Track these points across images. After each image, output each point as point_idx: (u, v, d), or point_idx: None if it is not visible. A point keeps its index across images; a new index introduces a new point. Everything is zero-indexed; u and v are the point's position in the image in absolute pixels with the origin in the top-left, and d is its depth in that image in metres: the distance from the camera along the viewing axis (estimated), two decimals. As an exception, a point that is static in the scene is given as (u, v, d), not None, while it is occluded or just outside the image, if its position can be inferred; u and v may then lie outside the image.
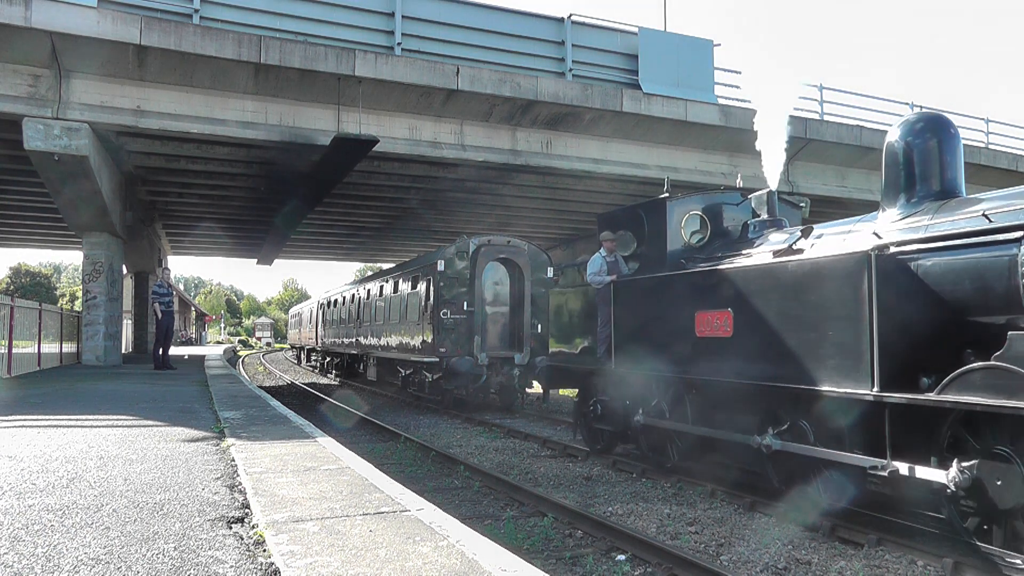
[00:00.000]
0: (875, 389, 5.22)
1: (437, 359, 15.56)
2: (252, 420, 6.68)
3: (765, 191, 8.19)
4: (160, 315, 14.27)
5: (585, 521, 6.64)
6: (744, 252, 7.42)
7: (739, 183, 9.89)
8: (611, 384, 8.81)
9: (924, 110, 19.21)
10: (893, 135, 6.34)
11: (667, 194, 8.29)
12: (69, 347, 17.85)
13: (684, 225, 8.15)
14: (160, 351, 14.52)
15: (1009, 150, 20.24)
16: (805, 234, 6.76)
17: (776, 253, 6.80)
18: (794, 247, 6.67)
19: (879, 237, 5.89)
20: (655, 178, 16.72)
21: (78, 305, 27.02)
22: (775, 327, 6.30)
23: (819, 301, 5.84)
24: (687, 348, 7.29)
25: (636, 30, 15.80)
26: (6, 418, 6.64)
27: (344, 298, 26.24)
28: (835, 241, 6.50)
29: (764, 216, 8.01)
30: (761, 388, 6.54)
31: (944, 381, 4.81)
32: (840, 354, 5.60)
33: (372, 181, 17.14)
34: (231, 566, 2.60)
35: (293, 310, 50.02)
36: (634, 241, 8.93)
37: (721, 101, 16.38)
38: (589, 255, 9.55)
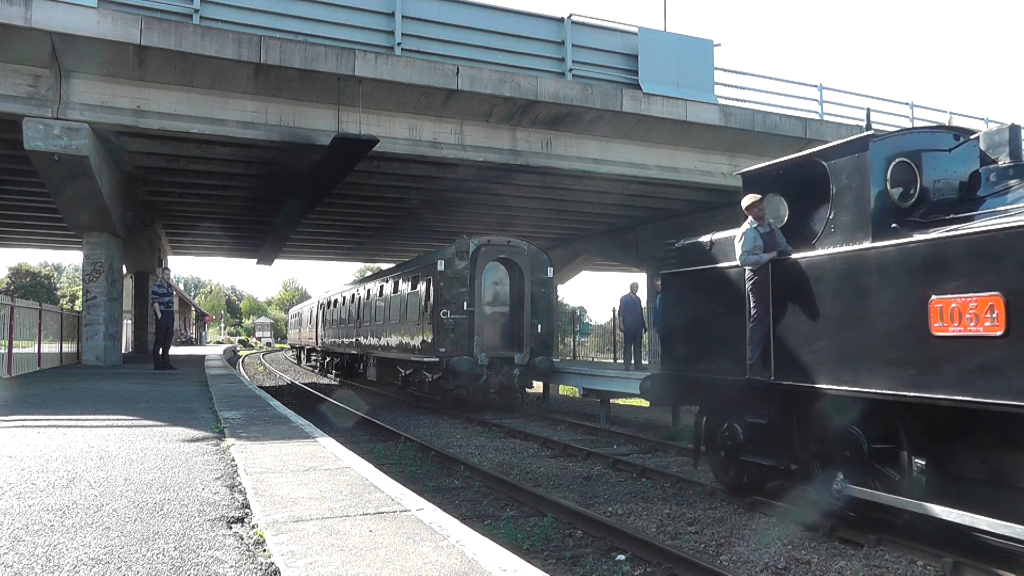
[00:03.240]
0: None
1: (437, 359, 15.56)
2: (252, 420, 6.69)
3: (1005, 127, 6.15)
4: (160, 315, 14.27)
5: (585, 521, 6.64)
6: (1000, 210, 5.41)
7: (949, 121, 7.21)
8: (768, 403, 6.76)
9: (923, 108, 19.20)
10: None
11: (870, 131, 6.11)
12: (69, 347, 17.84)
13: (890, 176, 5.91)
14: (160, 351, 14.52)
15: None
16: None
17: None
18: None
19: None
20: (655, 178, 16.73)
21: (78, 305, 27.02)
22: None
23: None
24: (913, 353, 5.16)
25: (636, 30, 15.80)
26: (6, 418, 6.64)
27: (344, 298, 26.24)
28: None
29: (1005, 162, 5.99)
30: None
31: None
32: None
33: (372, 181, 17.13)
34: (231, 566, 2.60)
35: (293, 310, 50.02)
36: (794, 203, 6.81)
37: (721, 101, 16.37)
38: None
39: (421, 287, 16.85)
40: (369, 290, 22.32)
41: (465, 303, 15.75)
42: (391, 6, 13.77)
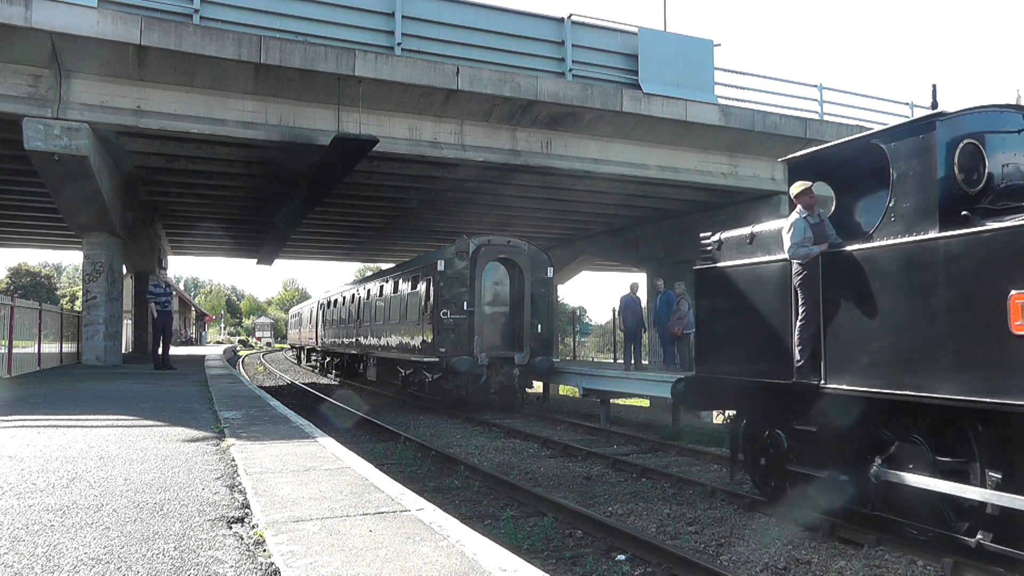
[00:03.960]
0: None
1: (437, 359, 15.57)
2: (252, 420, 6.68)
3: None
4: (156, 315, 14.25)
5: (585, 521, 6.64)
6: None
7: (1018, 99, 6.84)
8: (817, 409, 6.19)
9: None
10: None
11: (937, 109, 5.67)
12: (69, 347, 17.85)
13: (957, 160, 5.44)
14: (160, 351, 14.50)
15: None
16: None
17: None
18: None
19: None
20: (655, 178, 16.73)
21: (78, 305, 27.02)
22: None
23: None
24: (989, 354, 4.72)
25: (636, 30, 15.80)
26: (6, 418, 6.64)
27: (344, 298, 26.25)
28: None
29: None
30: None
31: None
32: None
33: (372, 181, 17.13)
34: (231, 566, 2.60)
35: (293, 310, 50.04)
36: (843, 192, 6.34)
37: (721, 101, 16.37)
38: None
39: (421, 287, 16.85)
40: (369, 290, 22.33)
41: (465, 303, 15.76)
42: (391, 6, 13.77)
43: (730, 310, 7.19)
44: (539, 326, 16.38)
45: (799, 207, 6.29)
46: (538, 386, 19.83)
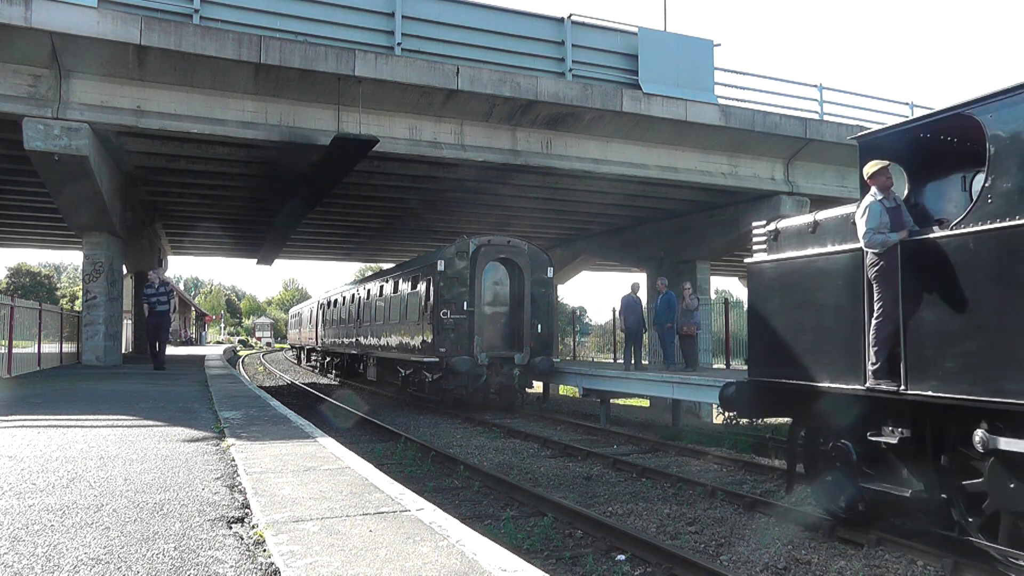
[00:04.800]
0: None
1: (437, 359, 15.57)
2: (252, 420, 6.68)
3: None
4: (147, 314, 14.15)
5: (585, 521, 6.64)
6: None
7: None
8: (895, 418, 5.54)
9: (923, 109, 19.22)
10: None
11: None
12: (69, 347, 17.85)
13: None
14: (156, 350, 14.39)
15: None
16: None
17: None
18: None
19: None
20: (655, 178, 16.72)
21: (78, 305, 27.01)
22: None
23: None
24: None
25: (636, 30, 15.80)
26: (6, 418, 6.64)
27: (344, 298, 26.26)
28: None
29: None
30: None
31: None
32: None
33: (372, 181, 17.13)
34: (231, 566, 2.60)
35: (293, 310, 50.04)
36: (920, 173, 5.84)
37: (721, 101, 16.37)
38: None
39: (421, 287, 16.85)
40: (369, 290, 22.33)
41: (465, 303, 15.76)
42: (391, 6, 13.77)
43: (789, 307, 6.49)
44: (539, 326, 16.39)
45: (873, 189, 5.60)
46: (538, 386, 19.84)
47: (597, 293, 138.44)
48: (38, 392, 9.52)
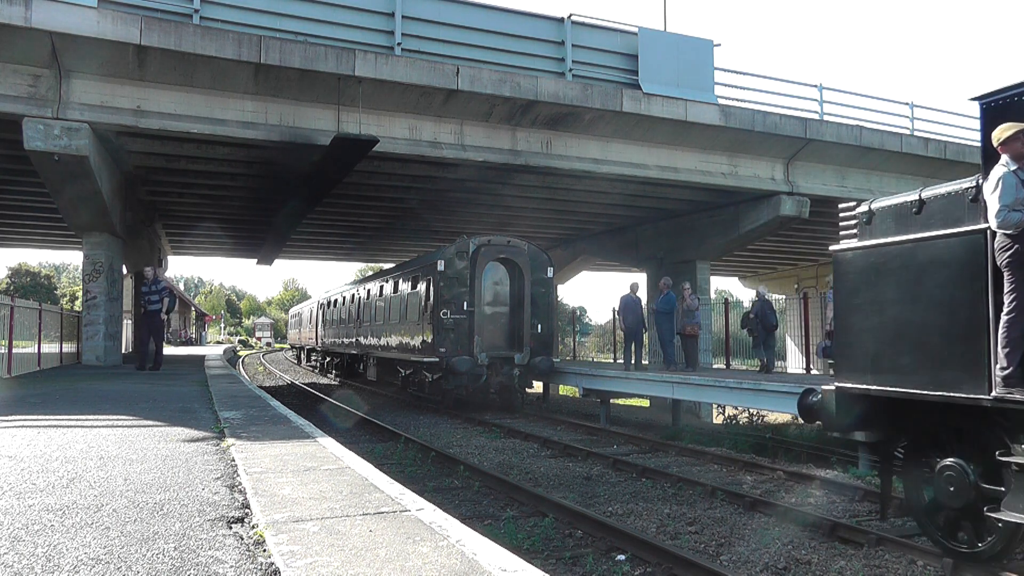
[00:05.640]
0: None
1: (437, 359, 15.57)
2: (252, 420, 6.68)
3: None
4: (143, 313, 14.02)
5: (585, 521, 6.64)
6: None
7: None
8: None
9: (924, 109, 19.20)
10: None
11: None
12: (69, 347, 17.85)
13: None
14: (155, 350, 14.22)
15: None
16: None
17: None
18: None
19: None
20: (655, 178, 16.72)
21: (78, 305, 27.02)
22: None
23: None
24: None
25: (636, 30, 15.80)
26: (6, 418, 6.64)
27: (344, 298, 26.27)
28: None
29: None
30: None
31: None
32: None
33: (372, 181, 17.13)
34: (231, 566, 2.60)
35: (293, 310, 50.05)
36: None
37: (721, 101, 16.37)
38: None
39: (421, 287, 16.86)
40: (369, 290, 22.34)
41: (465, 303, 15.76)
42: (391, 6, 13.77)
43: (887, 302, 5.54)
44: (539, 326, 16.39)
45: (1005, 158, 4.77)
46: (538, 386, 19.84)
47: (597, 293, 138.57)
48: (38, 392, 9.52)
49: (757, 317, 14.95)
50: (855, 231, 6.08)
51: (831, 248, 6.21)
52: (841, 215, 6.24)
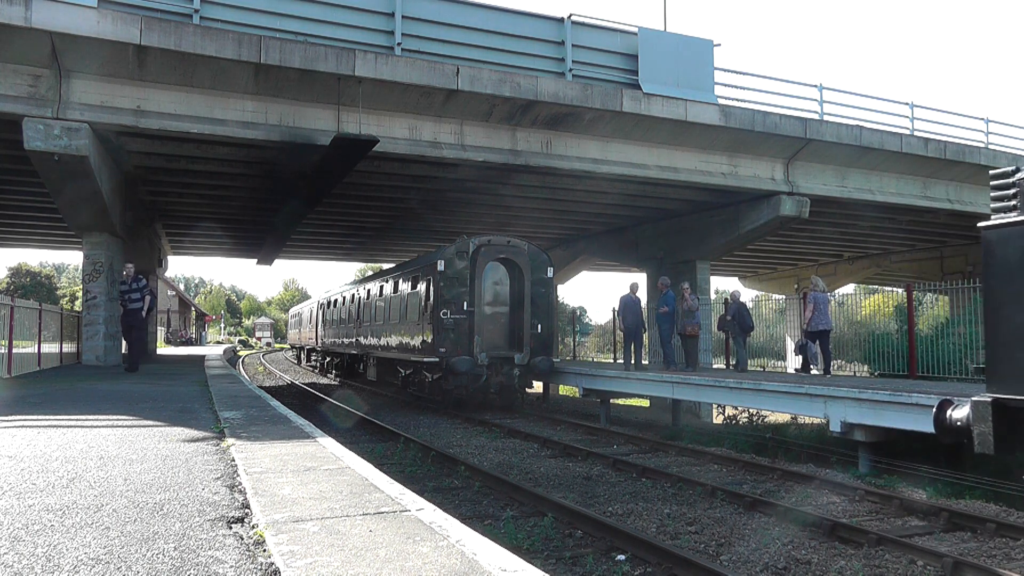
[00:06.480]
0: None
1: (437, 359, 15.57)
2: (252, 420, 6.68)
3: None
4: (122, 312, 13.81)
5: (585, 521, 6.64)
6: None
7: None
8: None
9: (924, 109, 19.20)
10: None
11: None
12: (69, 347, 17.85)
13: None
14: (135, 350, 14.04)
15: (1009, 150, 20.23)
16: None
17: None
18: None
19: None
20: (655, 178, 16.72)
21: (78, 305, 27.00)
22: None
23: None
24: None
25: (636, 30, 15.79)
26: (6, 418, 6.64)
27: (344, 298, 26.27)
28: None
29: None
30: None
31: None
32: None
33: (372, 181, 17.13)
34: (231, 566, 2.60)
35: (293, 310, 50.05)
36: None
37: (721, 101, 16.36)
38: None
39: (421, 287, 16.85)
40: (369, 290, 22.34)
41: (465, 303, 15.76)
42: (391, 6, 13.76)
43: None
44: (539, 326, 16.39)
45: None
46: (538, 386, 19.84)
47: (597, 293, 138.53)
48: (38, 392, 9.52)
49: (734, 319, 14.96)
50: (1015, 202, 4.61)
51: (980, 225, 4.72)
52: (993, 183, 4.77)
